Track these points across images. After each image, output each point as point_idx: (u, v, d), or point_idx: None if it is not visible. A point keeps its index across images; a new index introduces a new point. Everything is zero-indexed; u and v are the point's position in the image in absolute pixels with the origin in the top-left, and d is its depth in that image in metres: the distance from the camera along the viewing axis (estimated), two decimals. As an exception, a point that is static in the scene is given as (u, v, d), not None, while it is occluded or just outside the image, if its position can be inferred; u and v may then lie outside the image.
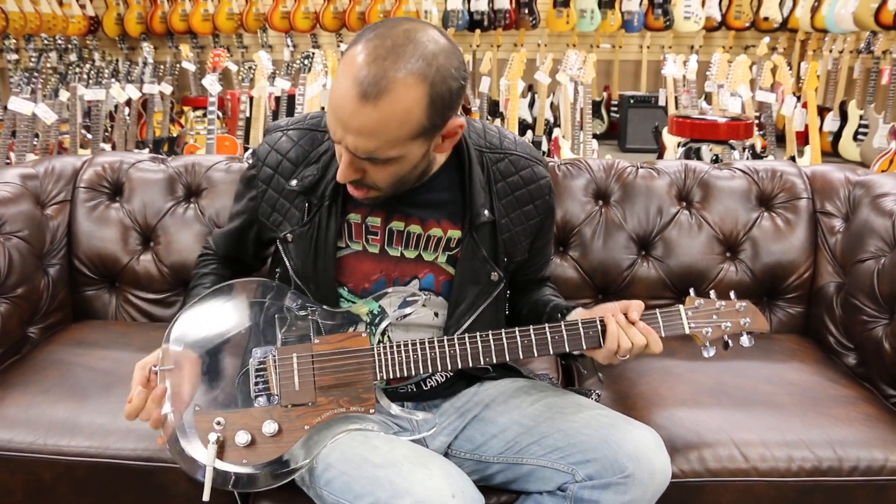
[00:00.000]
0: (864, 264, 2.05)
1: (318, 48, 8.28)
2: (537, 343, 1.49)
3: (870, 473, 1.63)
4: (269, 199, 1.63)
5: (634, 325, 1.47)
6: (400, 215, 1.58)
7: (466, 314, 1.60)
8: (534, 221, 1.67)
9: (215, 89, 4.95)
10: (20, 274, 2.08)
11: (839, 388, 1.90)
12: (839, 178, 2.26)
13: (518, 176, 1.64)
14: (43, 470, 1.65)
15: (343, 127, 1.36)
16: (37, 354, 2.02)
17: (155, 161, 2.36)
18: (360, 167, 1.42)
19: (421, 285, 1.61)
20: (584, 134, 5.82)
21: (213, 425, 1.45)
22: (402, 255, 1.60)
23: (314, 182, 1.58)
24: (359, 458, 1.42)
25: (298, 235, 1.59)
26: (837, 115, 7.46)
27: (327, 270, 1.58)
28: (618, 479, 1.42)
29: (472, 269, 1.60)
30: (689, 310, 1.53)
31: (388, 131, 1.35)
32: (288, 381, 1.48)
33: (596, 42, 8.80)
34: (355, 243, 1.60)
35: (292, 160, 1.61)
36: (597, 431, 1.48)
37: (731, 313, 1.54)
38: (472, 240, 1.59)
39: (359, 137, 1.35)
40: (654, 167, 2.32)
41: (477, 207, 1.58)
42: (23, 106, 4.63)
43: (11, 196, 2.16)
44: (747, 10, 8.39)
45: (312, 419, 1.47)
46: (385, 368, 1.48)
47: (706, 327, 1.52)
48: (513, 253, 1.65)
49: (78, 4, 8.38)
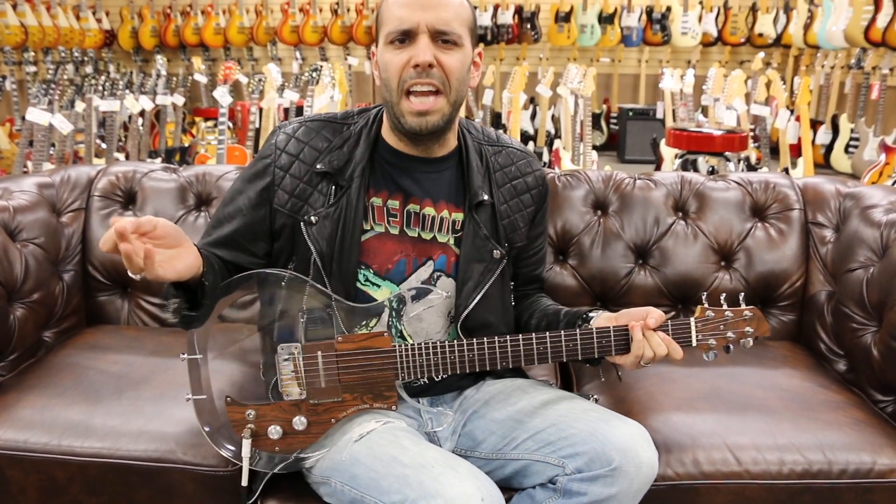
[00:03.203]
0: (853, 273, 2.05)
1: (325, 61, 8.31)
2: (567, 347, 1.51)
3: (858, 476, 1.64)
4: (286, 186, 1.61)
5: (654, 333, 1.50)
6: (415, 198, 1.64)
7: (474, 291, 1.63)
8: (531, 209, 1.75)
9: (226, 101, 4.96)
10: (36, 280, 2.08)
11: (829, 393, 1.90)
12: (830, 190, 2.27)
13: (515, 166, 1.74)
14: (56, 470, 1.65)
15: (420, 7, 1.49)
16: (51, 358, 2.02)
17: (167, 171, 2.37)
18: (436, 54, 1.50)
19: (435, 266, 1.65)
20: (584, 145, 5.83)
21: (245, 416, 1.50)
22: (419, 235, 1.64)
23: (342, 164, 1.61)
24: (388, 456, 1.42)
25: (324, 217, 1.59)
26: (829, 129, 7.47)
27: (352, 251, 1.59)
28: (605, 472, 1.43)
29: (475, 247, 1.65)
30: (699, 322, 1.55)
31: (455, 4, 1.53)
32: (314, 378, 1.50)
33: (596, 56, 8.82)
34: (378, 225, 1.63)
35: (316, 147, 1.63)
36: (586, 425, 1.49)
37: (738, 323, 1.56)
38: (473, 220, 1.65)
39: (437, 10, 1.50)
40: (651, 178, 2.32)
41: (475, 188, 1.65)
42: (40, 116, 4.65)
43: (28, 204, 2.18)
44: (742, 26, 8.43)
45: (339, 413, 1.51)
46: (406, 369, 1.51)
47: (712, 338, 1.55)
48: (513, 238, 1.71)
49: (94, 18, 8.42)
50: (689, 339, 1.54)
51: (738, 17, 8.41)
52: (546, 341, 1.51)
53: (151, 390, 1.83)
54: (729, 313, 1.56)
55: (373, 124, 1.66)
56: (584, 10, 8.47)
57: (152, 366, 1.94)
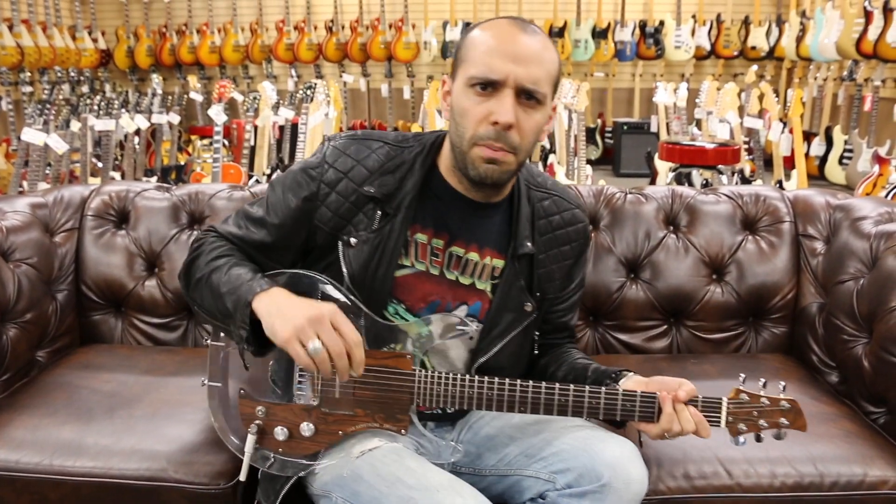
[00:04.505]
0: (844, 285, 2.06)
1: (321, 78, 8.35)
2: (589, 404, 1.45)
3: (849, 488, 1.64)
4: (331, 203, 1.55)
5: (685, 407, 1.43)
6: (461, 241, 1.58)
7: (498, 339, 1.60)
8: (568, 262, 1.68)
9: (221, 119, 4.98)
10: (29, 299, 2.09)
11: (821, 405, 1.90)
12: (820, 202, 2.28)
13: (560, 216, 1.66)
14: (49, 490, 1.65)
15: (513, 59, 1.42)
16: (44, 377, 2.02)
17: (160, 190, 2.38)
18: (516, 113, 1.44)
19: (469, 311, 1.61)
20: (578, 160, 5.85)
21: (255, 412, 1.49)
22: (457, 279, 1.59)
23: (391, 191, 1.55)
24: (392, 476, 1.40)
25: (364, 241, 1.54)
26: (823, 140, 7.49)
27: (385, 282, 1.55)
28: (594, 488, 1.42)
29: (510, 296, 1.60)
30: (731, 403, 1.45)
31: (547, 60, 1.46)
32: (329, 388, 1.48)
33: (590, 71, 8.86)
34: (420, 263, 1.58)
35: (368, 167, 1.56)
36: (577, 441, 1.49)
37: (773, 413, 1.45)
38: (514, 269, 1.60)
39: (528, 65, 1.43)
40: (641, 193, 2.33)
41: (521, 238, 1.60)
42: (35, 136, 4.67)
43: (21, 224, 2.18)
44: (735, 39, 8.46)
45: (347, 427, 1.48)
46: (423, 396, 1.46)
47: (742, 423, 1.45)
48: (546, 289, 1.65)
49: (90, 38, 8.45)
50: (718, 420, 1.45)
51: (731, 31, 8.45)
52: (569, 394, 1.45)
53: (144, 409, 1.83)
54: (765, 400, 1.45)
55: (428, 154, 1.59)
56: (578, 25, 8.51)
57: (145, 384, 1.95)
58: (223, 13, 8.81)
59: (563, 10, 8.57)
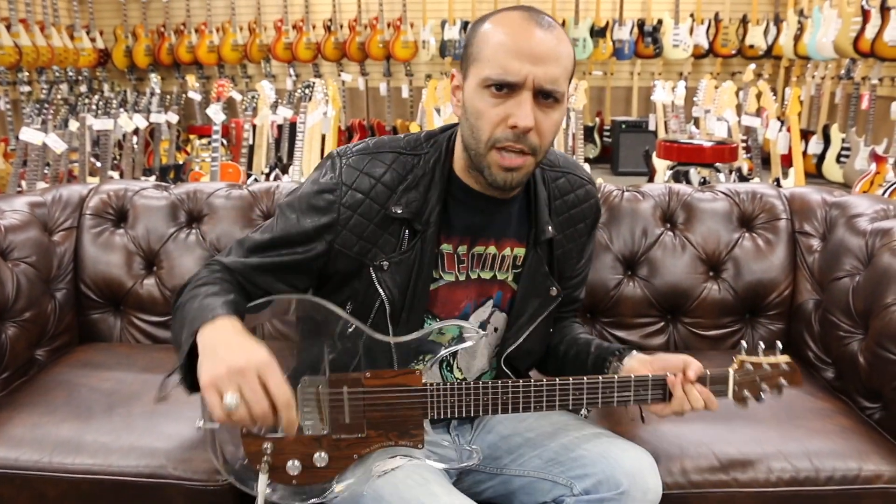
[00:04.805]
0: (840, 282, 2.06)
1: (319, 77, 8.35)
2: (604, 394, 1.47)
3: (845, 483, 1.64)
4: (355, 227, 1.48)
5: (693, 386, 1.47)
6: (482, 240, 1.55)
7: (525, 327, 1.59)
8: (583, 239, 1.67)
9: (219, 118, 4.98)
10: (28, 298, 2.09)
11: (817, 401, 1.91)
12: (816, 200, 2.29)
13: (574, 194, 1.64)
14: (48, 487, 1.65)
15: (530, 59, 1.35)
16: (43, 376, 2.03)
17: (158, 188, 2.38)
18: (535, 115, 1.38)
19: (493, 303, 1.60)
20: (576, 158, 5.85)
21: (262, 449, 1.41)
22: (479, 276, 1.57)
23: (419, 208, 1.48)
24: (415, 500, 1.36)
25: (397, 263, 1.48)
26: (821, 139, 7.50)
27: (423, 299, 1.51)
28: (613, 495, 1.43)
29: (535, 283, 1.59)
30: (738, 374, 1.52)
31: (564, 56, 1.40)
32: (338, 413, 1.42)
33: (588, 69, 8.87)
34: (448, 274, 1.54)
35: (388, 184, 1.48)
36: (597, 448, 1.49)
37: (774, 375, 1.54)
38: (536, 255, 1.58)
39: (547, 64, 1.36)
40: (639, 190, 2.34)
41: (542, 224, 1.57)
42: (34, 136, 4.67)
43: (20, 223, 2.19)
44: (733, 38, 8.47)
45: (361, 449, 1.44)
46: (436, 409, 1.44)
47: (747, 390, 1.53)
48: (563, 269, 1.64)
49: (88, 38, 8.45)
50: (725, 392, 1.52)
51: (729, 29, 8.46)
52: (583, 387, 1.45)
53: (142, 406, 1.83)
54: (767, 366, 1.54)
55: (445, 158, 1.52)
56: (576, 24, 8.51)
57: (143, 382, 1.95)
58: (221, 12, 8.81)
59: (561, 8, 8.57)
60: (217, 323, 1.33)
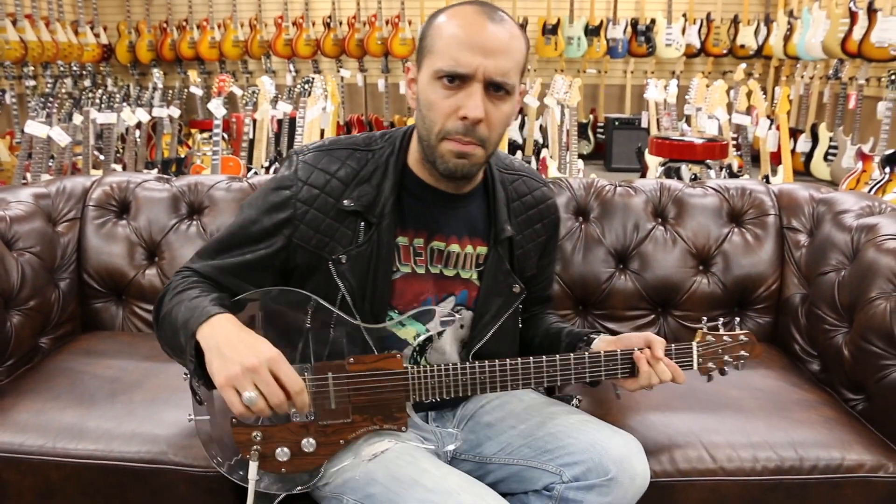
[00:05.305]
0: (826, 276, 2.07)
1: (318, 73, 8.33)
2: (576, 370, 1.50)
3: (828, 472, 1.66)
4: (311, 221, 1.50)
5: (660, 361, 1.50)
6: (441, 235, 1.57)
7: (490, 324, 1.60)
8: (542, 239, 1.70)
9: (220, 113, 4.97)
10: (32, 287, 2.09)
11: (802, 392, 1.92)
12: (804, 196, 2.30)
13: (531, 195, 1.68)
14: (52, 472, 1.66)
15: (481, 52, 1.36)
16: (47, 363, 2.03)
17: (160, 181, 2.38)
18: (485, 106, 1.39)
19: (456, 301, 1.60)
20: (570, 154, 5.86)
21: (251, 438, 1.43)
22: (441, 272, 1.58)
23: (371, 200, 1.50)
24: (408, 478, 1.38)
25: (354, 256, 1.50)
26: (809, 137, 7.51)
27: (384, 291, 1.52)
28: (601, 482, 1.44)
29: (497, 281, 1.61)
30: (700, 346, 1.58)
31: (515, 50, 1.40)
32: (324, 399, 1.44)
33: (582, 67, 8.86)
34: (405, 266, 1.55)
35: (342, 179, 1.51)
36: (585, 436, 1.50)
37: (735, 347, 1.61)
38: (497, 254, 1.60)
39: (497, 57, 1.37)
40: (631, 186, 2.34)
41: (501, 223, 1.59)
42: (38, 129, 4.66)
43: (25, 214, 2.19)
44: (725, 38, 8.47)
45: (348, 434, 1.46)
46: (418, 392, 1.46)
47: (711, 362, 1.59)
48: (524, 268, 1.67)
49: (92, 33, 8.42)
50: (690, 363, 1.57)
51: (721, 29, 8.46)
52: (556, 364, 1.49)
53: (144, 394, 1.84)
54: (727, 338, 1.60)
55: (399, 152, 1.55)
56: (571, 23, 8.51)
57: (145, 370, 1.95)
58: (223, 9, 8.78)
59: (556, 7, 8.56)
60: (213, 321, 1.35)
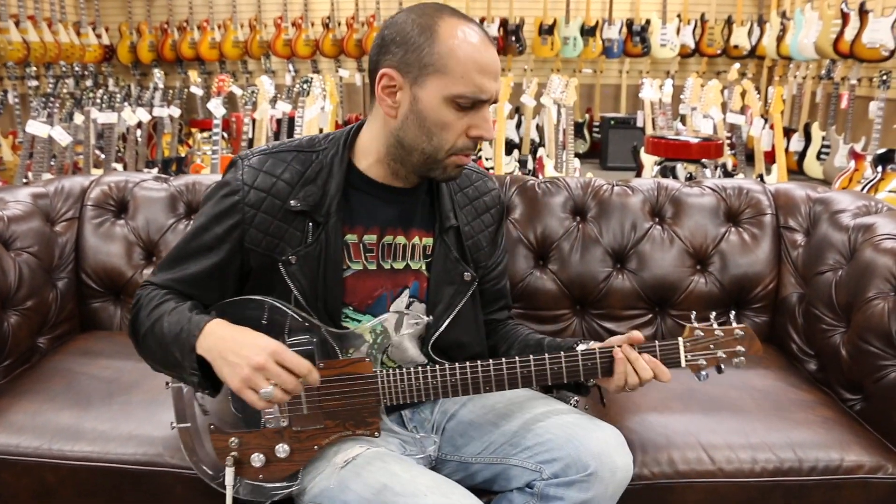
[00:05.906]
0: (823, 276, 2.04)
1: (317, 73, 8.29)
2: (552, 370, 1.44)
3: (827, 473, 1.63)
4: (259, 224, 1.48)
5: (639, 357, 1.43)
6: (390, 229, 1.56)
7: (444, 313, 1.58)
8: (491, 228, 1.69)
9: (220, 112, 4.94)
10: (30, 287, 2.06)
11: (800, 392, 1.89)
12: (801, 196, 2.26)
13: (473, 187, 1.68)
14: (48, 473, 1.63)
15: (494, 77, 1.43)
16: (45, 363, 2.00)
17: (158, 180, 2.35)
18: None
19: (410, 293, 1.59)
20: (566, 153, 5.83)
21: (228, 444, 1.45)
22: (391, 267, 1.56)
23: (317, 200, 1.49)
24: (378, 483, 1.36)
25: (304, 256, 1.49)
26: (802, 136, 7.49)
27: (336, 289, 1.51)
28: (581, 477, 1.41)
29: (445, 270, 1.59)
30: (687, 341, 1.46)
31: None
32: (297, 405, 1.44)
33: (578, 67, 8.83)
34: (356, 263, 1.54)
35: (288, 180, 1.50)
36: (563, 431, 1.47)
37: (729, 342, 1.46)
38: (443, 243, 1.59)
39: (498, 78, 1.45)
40: (628, 185, 2.31)
41: (445, 213, 1.59)
42: (40, 129, 4.63)
43: (23, 214, 2.15)
44: (719, 38, 8.45)
45: (321, 440, 1.45)
46: (389, 396, 1.44)
47: (702, 358, 1.46)
48: (478, 258, 1.65)
49: (94, 34, 8.39)
50: (677, 361, 1.46)
51: (715, 30, 8.44)
52: (530, 364, 1.44)
53: (141, 395, 1.80)
54: (719, 332, 1.46)
55: (343, 151, 1.53)
56: (567, 23, 8.48)
57: (143, 371, 1.90)
58: (223, 10, 8.75)
59: (552, 8, 8.53)
60: (207, 331, 1.38)
